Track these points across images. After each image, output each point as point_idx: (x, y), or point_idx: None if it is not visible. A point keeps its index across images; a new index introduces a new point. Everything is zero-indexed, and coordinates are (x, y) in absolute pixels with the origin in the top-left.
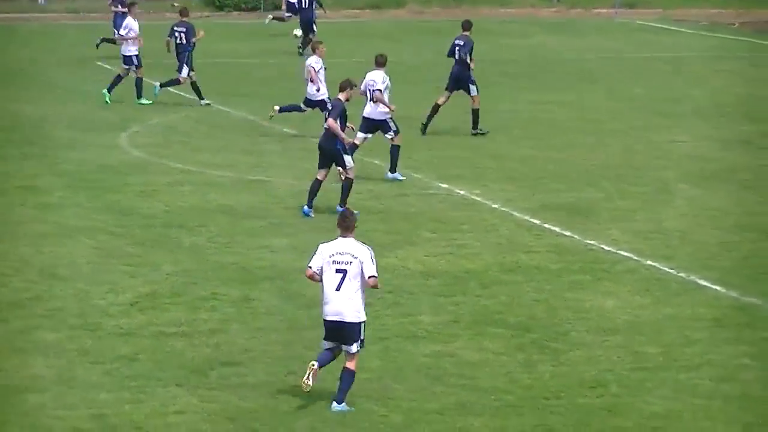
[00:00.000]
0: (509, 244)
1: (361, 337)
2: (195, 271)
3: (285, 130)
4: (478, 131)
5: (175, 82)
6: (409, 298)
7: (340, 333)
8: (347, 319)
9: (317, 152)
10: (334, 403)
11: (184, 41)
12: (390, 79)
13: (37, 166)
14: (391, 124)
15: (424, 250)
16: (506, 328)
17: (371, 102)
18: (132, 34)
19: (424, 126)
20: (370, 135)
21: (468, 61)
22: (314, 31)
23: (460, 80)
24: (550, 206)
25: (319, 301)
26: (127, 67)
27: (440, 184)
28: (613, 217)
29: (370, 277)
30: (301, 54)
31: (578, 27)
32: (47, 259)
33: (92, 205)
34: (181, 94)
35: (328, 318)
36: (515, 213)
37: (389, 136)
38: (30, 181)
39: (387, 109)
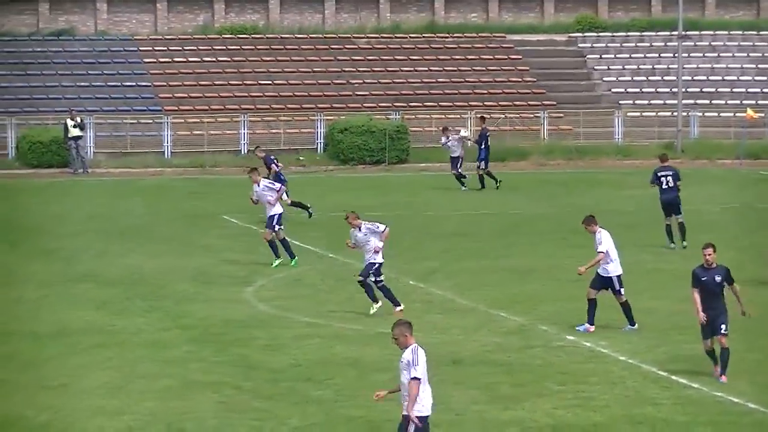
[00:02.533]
0: (637, 397)
1: None
2: (322, 425)
3: (410, 282)
4: None
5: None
6: None
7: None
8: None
9: None
10: None
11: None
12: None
13: (162, 320)
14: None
15: (552, 403)
16: None
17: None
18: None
19: None
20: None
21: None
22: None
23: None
24: (677, 358)
25: None
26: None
27: (567, 336)
28: (740, 369)
29: None
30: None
31: (700, 177)
32: (173, 415)
33: (217, 359)
34: (308, 247)
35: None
36: (642, 365)
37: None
38: (156, 335)
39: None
